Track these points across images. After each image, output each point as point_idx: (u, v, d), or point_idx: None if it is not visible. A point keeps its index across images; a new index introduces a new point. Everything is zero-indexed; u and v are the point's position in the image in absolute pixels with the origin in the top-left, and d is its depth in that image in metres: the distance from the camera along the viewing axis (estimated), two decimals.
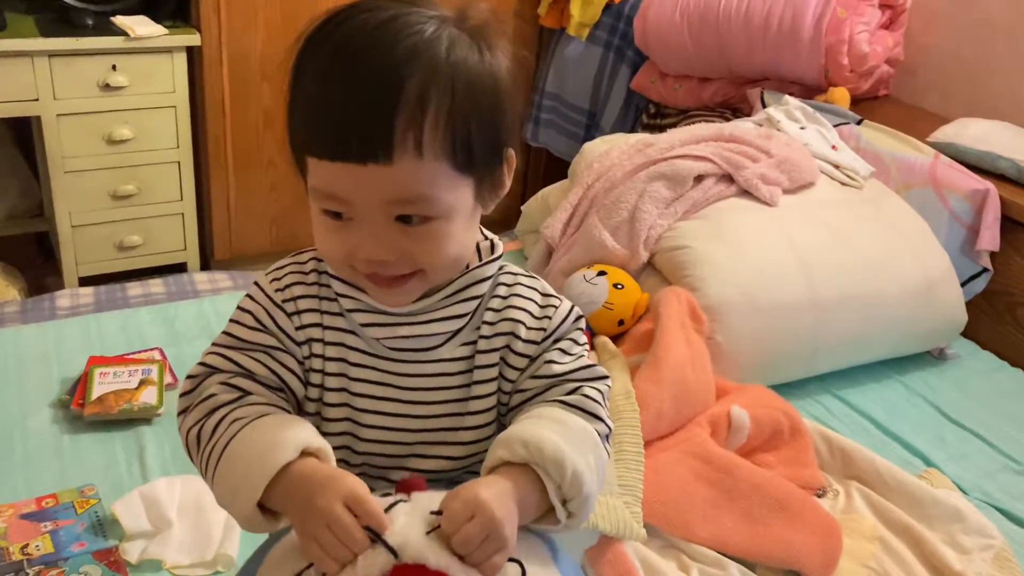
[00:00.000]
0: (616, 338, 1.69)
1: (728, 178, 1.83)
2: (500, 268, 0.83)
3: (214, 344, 0.82)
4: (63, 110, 2.41)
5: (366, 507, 0.69)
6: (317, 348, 0.80)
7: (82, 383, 1.54)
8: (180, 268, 2.81)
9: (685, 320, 1.59)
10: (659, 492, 1.35)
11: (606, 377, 0.84)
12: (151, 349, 1.68)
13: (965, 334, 1.97)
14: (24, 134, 2.78)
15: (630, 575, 1.22)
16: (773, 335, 1.68)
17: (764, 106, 2.31)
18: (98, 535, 1.28)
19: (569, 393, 0.81)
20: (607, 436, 0.82)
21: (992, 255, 2.01)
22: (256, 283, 0.82)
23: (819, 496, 1.47)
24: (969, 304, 1.94)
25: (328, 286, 0.81)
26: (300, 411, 0.83)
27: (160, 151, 2.59)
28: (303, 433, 0.73)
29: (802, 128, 2.10)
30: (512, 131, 0.77)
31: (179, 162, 2.63)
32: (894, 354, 1.86)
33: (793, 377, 1.74)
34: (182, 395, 0.82)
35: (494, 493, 0.70)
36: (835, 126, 2.17)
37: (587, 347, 0.86)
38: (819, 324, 1.72)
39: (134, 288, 2.72)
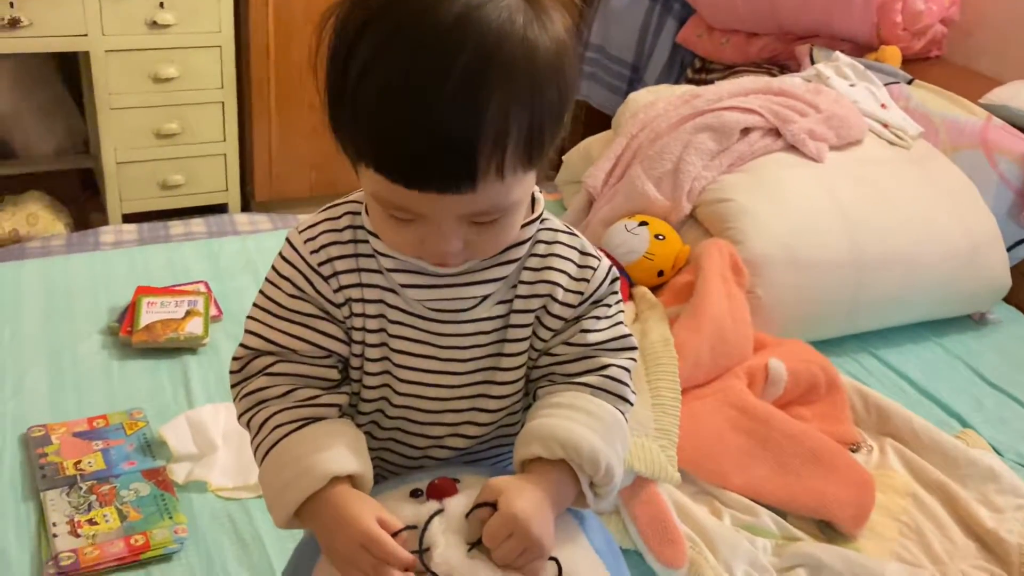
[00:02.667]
0: (655, 289, 1.70)
1: (775, 132, 1.81)
2: (541, 222, 0.82)
3: (255, 309, 0.81)
4: (111, 46, 2.43)
5: (383, 550, 0.70)
6: (357, 308, 0.80)
7: (130, 312, 1.57)
8: (221, 208, 2.84)
9: (726, 273, 1.59)
10: (694, 439, 1.36)
11: (635, 348, 0.85)
12: (196, 282, 1.71)
13: (1008, 299, 1.95)
14: (70, 71, 2.81)
15: (663, 516, 1.24)
16: (814, 291, 1.67)
17: (813, 63, 2.28)
18: (146, 455, 1.32)
19: (598, 370, 0.82)
20: (628, 411, 0.84)
21: None
22: (290, 242, 0.80)
23: (853, 451, 1.48)
24: (1014, 269, 1.92)
25: (365, 242, 0.79)
26: (347, 369, 0.83)
27: (204, 91, 2.61)
28: (334, 460, 0.74)
29: (851, 85, 2.06)
30: (572, 102, 0.74)
31: (223, 103, 2.65)
32: (934, 316, 1.85)
33: (832, 334, 1.74)
34: (231, 373, 0.82)
35: (530, 506, 0.73)
36: (885, 85, 2.13)
37: (621, 305, 0.86)
38: (860, 282, 1.71)
39: (176, 226, 2.75)
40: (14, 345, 1.51)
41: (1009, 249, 1.92)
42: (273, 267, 0.81)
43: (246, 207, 2.91)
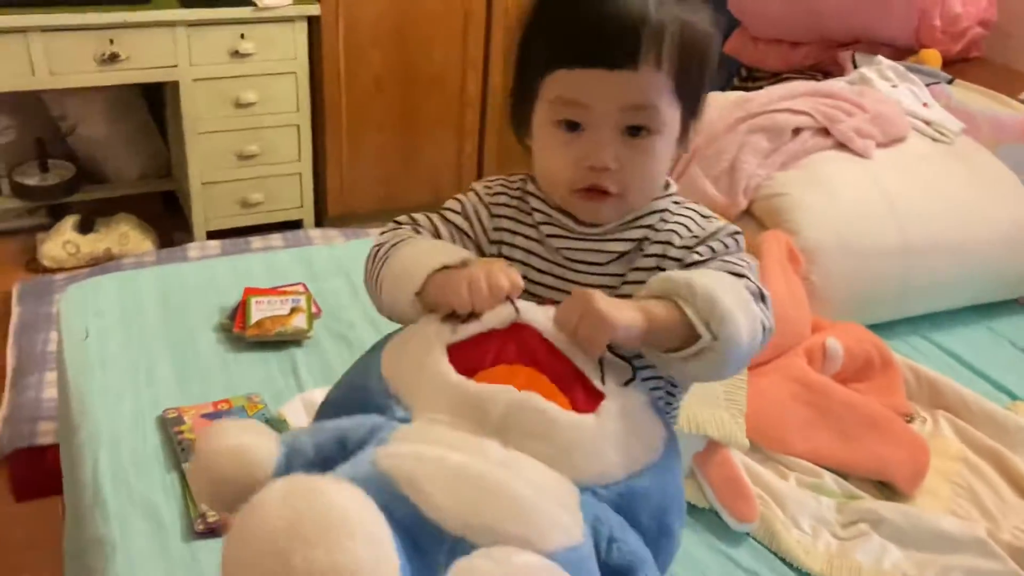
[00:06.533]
0: None
1: (824, 131, 1.94)
2: (671, 197, 0.96)
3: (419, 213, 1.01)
4: (198, 75, 2.63)
5: (503, 268, 0.86)
6: (506, 250, 0.97)
7: (241, 309, 1.74)
8: (296, 224, 3.03)
9: (784, 260, 1.72)
10: (760, 411, 1.49)
11: (767, 297, 0.89)
12: (295, 284, 1.88)
13: None
14: (153, 100, 3.03)
15: (736, 476, 1.37)
16: (865, 277, 1.79)
17: (855, 67, 2.40)
18: None
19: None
20: (759, 296, 0.87)
21: None
22: (471, 188, 1.01)
23: (907, 422, 1.59)
24: None
25: (527, 202, 0.97)
26: None
27: (281, 114, 2.80)
28: (445, 254, 0.90)
29: (894, 87, 2.18)
30: (709, 86, 0.91)
31: (298, 125, 2.84)
32: (981, 300, 1.95)
33: (883, 318, 1.85)
34: (375, 247, 0.98)
35: (603, 295, 0.83)
36: (926, 86, 2.24)
37: (755, 265, 0.91)
38: (909, 268, 1.82)
39: (256, 242, 2.94)
40: (142, 342, 1.69)
41: None
42: (452, 198, 1.00)
43: (319, 222, 3.09)
